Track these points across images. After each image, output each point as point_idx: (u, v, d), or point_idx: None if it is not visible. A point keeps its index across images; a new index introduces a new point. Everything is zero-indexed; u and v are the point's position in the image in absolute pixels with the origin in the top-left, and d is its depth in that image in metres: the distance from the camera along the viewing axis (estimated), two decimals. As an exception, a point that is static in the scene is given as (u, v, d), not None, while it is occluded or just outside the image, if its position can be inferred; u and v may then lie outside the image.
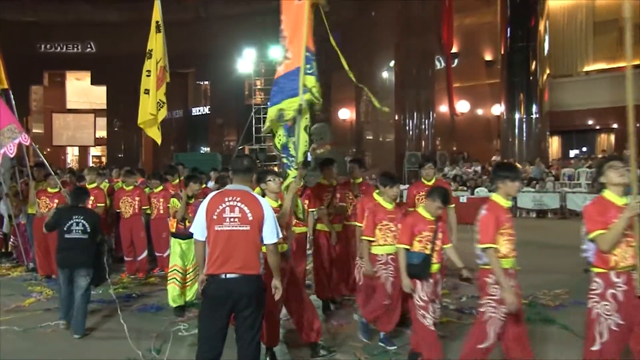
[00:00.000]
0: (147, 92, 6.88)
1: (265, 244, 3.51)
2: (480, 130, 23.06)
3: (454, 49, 23.46)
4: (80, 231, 5.23)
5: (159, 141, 7.25)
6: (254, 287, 3.41)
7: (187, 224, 5.82)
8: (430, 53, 21.65)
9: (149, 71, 6.96)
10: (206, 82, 30.25)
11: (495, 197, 3.70)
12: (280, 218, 3.95)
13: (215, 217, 3.42)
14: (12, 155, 6.61)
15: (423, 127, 21.78)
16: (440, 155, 20.29)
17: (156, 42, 6.84)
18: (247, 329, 3.41)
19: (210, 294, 3.40)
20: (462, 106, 23.66)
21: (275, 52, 24.37)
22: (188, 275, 6.06)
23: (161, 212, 7.89)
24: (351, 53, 24.57)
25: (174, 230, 6.06)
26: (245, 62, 23.88)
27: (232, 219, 3.39)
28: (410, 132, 21.78)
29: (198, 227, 3.51)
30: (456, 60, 23.45)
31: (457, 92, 23.54)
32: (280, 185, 4.49)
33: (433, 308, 4.15)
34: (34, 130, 28.87)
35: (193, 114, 30.44)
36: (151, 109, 6.80)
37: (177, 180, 8.00)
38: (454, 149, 23.03)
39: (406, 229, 4.19)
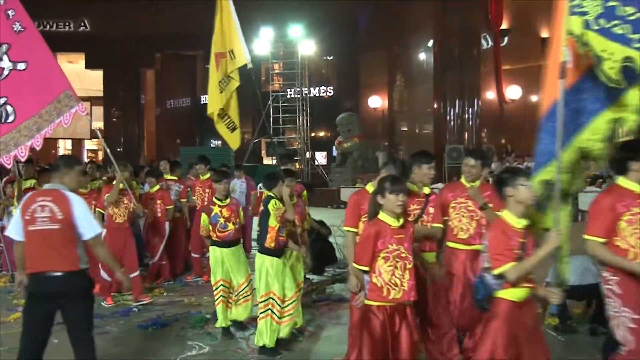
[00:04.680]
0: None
1: (86, 240, 3.97)
2: (534, 120, 22.48)
3: (504, 25, 23.18)
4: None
5: (233, 146, 7.31)
6: (75, 284, 3.91)
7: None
8: (475, 30, 21.44)
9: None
10: (216, 66, 30.40)
11: (622, 181, 3.65)
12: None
13: (27, 217, 3.94)
14: (67, 125, 6.52)
15: (466, 116, 21.63)
16: (486, 149, 20.05)
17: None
18: (76, 327, 3.95)
19: (30, 292, 3.97)
20: (513, 92, 23.39)
21: (295, 31, 24.44)
22: (244, 291, 5.74)
23: (159, 215, 7.92)
24: (383, 32, 24.64)
25: (214, 237, 5.75)
26: (262, 42, 23.94)
27: (42, 219, 3.90)
28: (452, 123, 21.65)
29: (15, 228, 4.04)
30: (506, 39, 23.21)
31: (507, 76, 23.29)
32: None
33: None
34: (22, 122, 29.37)
35: (202, 102, 30.63)
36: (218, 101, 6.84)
37: (207, 175, 8.21)
38: (503, 142, 22.83)
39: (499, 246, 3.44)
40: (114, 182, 7.02)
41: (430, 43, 22.64)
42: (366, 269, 3.72)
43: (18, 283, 4.12)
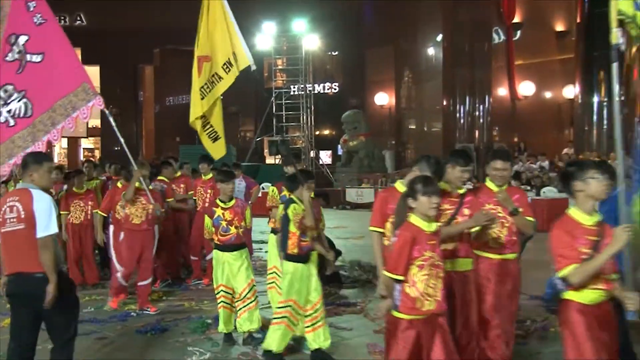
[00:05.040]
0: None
1: (37, 239, 3.92)
2: (548, 118, 22.71)
3: (516, 18, 23.11)
4: None
5: (216, 156, 7.34)
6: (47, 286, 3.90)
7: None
8: (486, 24, 21.39)
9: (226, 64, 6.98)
10: (217, 62, 30.46)
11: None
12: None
13: (0, 219, 4.02)
14: (85, 120, 6.52)
15: (477, 114, 21.56)
16: (498, 147, 19.97)
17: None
18: (55, 332, 4.05)
19: (9, 293, 4.07)
20: (526, 88, 23.31)
21: (299, 25, 24.46)
22: (245, 298, 5.59)
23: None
24: (389, 25, 24.63)
25: (216, 240, 5.66)
26: (264, 37, 24.00)
27: (11, 220, 3.98)
28: (462, 120, 21.58)
29: None
30: (519, 32, 23.12)
31: (520, 71, 23.21)
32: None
33: None
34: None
35: (201, 99, 30.67)
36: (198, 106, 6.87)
37: (210, 176, 8.25)
38: (515, 140, 22.68)
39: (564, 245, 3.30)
40: (130, 181, 6.86)
41: (440, 37, 22.63)
42: (401, 278, 3.50)
43: (2, 285, 4.18)
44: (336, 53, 29.37)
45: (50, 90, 6.09)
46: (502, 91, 23.33)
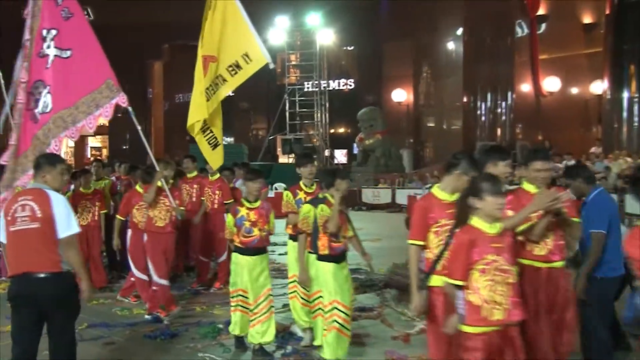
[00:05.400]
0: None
1: (59, 239, 4.04)
2: (574, 115, 22.59)
3: (541, 11, 23.01)
4: None
5: (215, 165, 7.35)
6: (55, 287, 4.01)
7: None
8: (509, 17, 21.44)
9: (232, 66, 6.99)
10: (228, 57, 30.54)
11: None
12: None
13: (9, 217, 4.10)
14: (107, 119, 6.42)
15: (499, 110, 21.65)
16: (521, 146, 19.93)
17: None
18: (56, 335, 4.07)
19: (11, 295, 4.10)
20: (551, 84, 23.23)
21: (313, 19, 24.47)
22: (259, 308, 5.48)
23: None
24: (408, 19, 24.55)
25: (237, 242, 5.56)
26: (277, 32, 24.05)
27: (22, 218, 4.05)
28: (483, 118, 21.70)
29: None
30: (543, 25, 23.08)
31: (545, 66, 23.13)
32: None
33: None
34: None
35: (212, 96, 30.78)
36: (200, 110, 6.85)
37: (217, 176, 8.33)
38: (539, 138, 22.62)
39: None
40: (148, 182, 6.85)
41: (460, 31, 22.62)
42: (462, 283, 3.37)
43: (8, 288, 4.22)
44: (352, 48, 29.35)
45: (74, 87, 6.12)
46: (526, 87, 23.30)
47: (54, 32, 6.19)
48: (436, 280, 3.85)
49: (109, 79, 6.24)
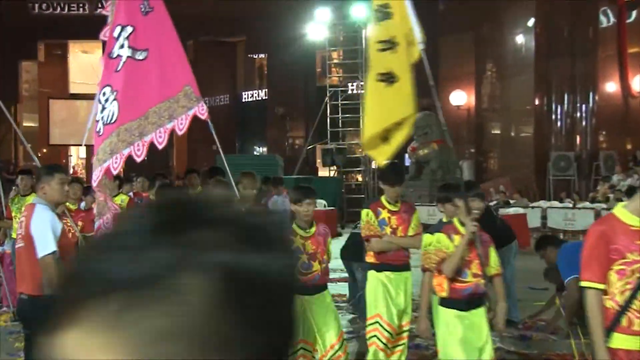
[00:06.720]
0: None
1: (38, 259, 4.14)
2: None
3: (630, -4, 22.80)
4: None
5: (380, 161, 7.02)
6: (34, 311, 4.09)
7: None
8: (591, 3, 21.24)
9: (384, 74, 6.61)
10: (262, 56, 30.86)
11: None
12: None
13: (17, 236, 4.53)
14: (181, 132, 5.94)
15: (578, 115, 21.58)
16: (605, 156, 19.68)
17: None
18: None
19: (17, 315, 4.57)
20: (642, 82, 22.93)
21: (358, 11, 24.32)
22: (336, 355, 5.13)
23: None
24: (468, 8, 24.26)
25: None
26: (317, 26, 24.03)
27: (18, 236, 4.39)
28: (559, 123, 21.68)
29: None
30: (634, 13, 22.81)
31: (635, 61, 22.84)
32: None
33: None
34: (25, 124, 30.32)
35: (243, 100, 31.03)
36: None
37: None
38: (628, 147, 22.45)
39: None
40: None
41: (531, 21, 22.38)
42: (601, 286, 3.20)
43: None
44: (403, 43, 29.18)
45: (146, 94, 5.81)
46: (612, 86, 23.05)
47: (129, 29, 5.92)
48: (620, 341, 3.32)
49: (188, 85, 5.81)
